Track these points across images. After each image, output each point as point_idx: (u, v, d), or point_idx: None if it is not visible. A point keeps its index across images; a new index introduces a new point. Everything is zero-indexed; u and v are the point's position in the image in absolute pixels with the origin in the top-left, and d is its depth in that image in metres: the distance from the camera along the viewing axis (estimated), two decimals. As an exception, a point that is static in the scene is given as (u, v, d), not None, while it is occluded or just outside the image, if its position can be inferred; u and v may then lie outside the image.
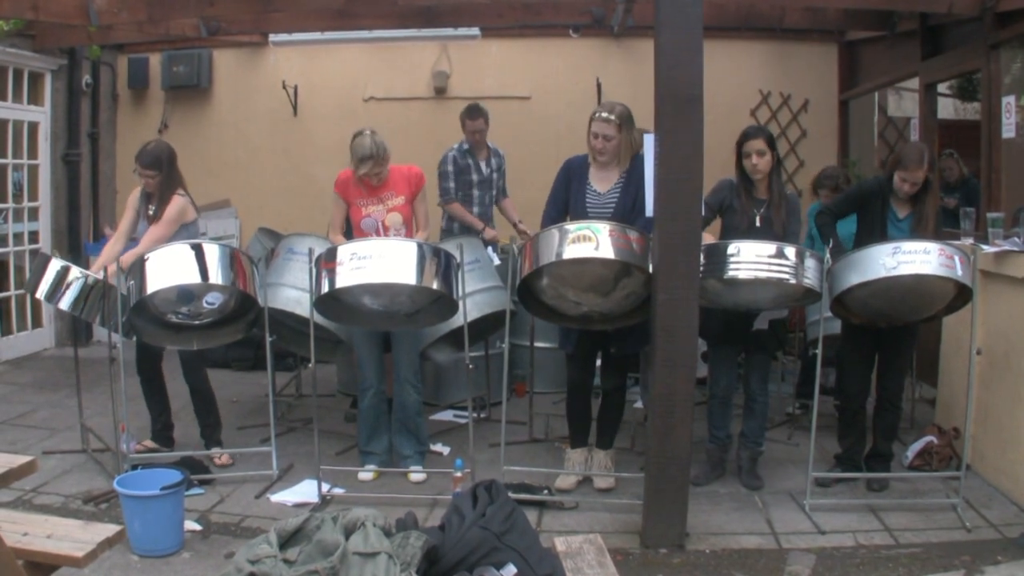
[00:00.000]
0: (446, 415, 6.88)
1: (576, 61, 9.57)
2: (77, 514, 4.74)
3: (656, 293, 4.46)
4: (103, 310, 5.41)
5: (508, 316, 5.24)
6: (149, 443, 5.79)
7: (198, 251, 5.17)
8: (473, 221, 7.31)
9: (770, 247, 4.85)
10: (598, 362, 5.54)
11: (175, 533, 4.48)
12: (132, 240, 5.69)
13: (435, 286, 5.02)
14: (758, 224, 5.25)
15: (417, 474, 5.50)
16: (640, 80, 7.82)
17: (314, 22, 8.65)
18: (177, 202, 5.61)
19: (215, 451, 5.71)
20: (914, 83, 8.48)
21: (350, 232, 5.61)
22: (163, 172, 5.58)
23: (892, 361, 5.42)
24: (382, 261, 4.93)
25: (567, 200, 5.31)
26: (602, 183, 5.27)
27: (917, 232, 5.20)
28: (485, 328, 6.09)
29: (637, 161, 5.26)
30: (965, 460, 5.14)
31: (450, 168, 7.34)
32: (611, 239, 4.61)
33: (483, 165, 7.40)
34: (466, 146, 7.38)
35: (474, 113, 7.29)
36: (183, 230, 5.64)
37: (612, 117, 5.15)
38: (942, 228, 5.39)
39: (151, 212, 5.64)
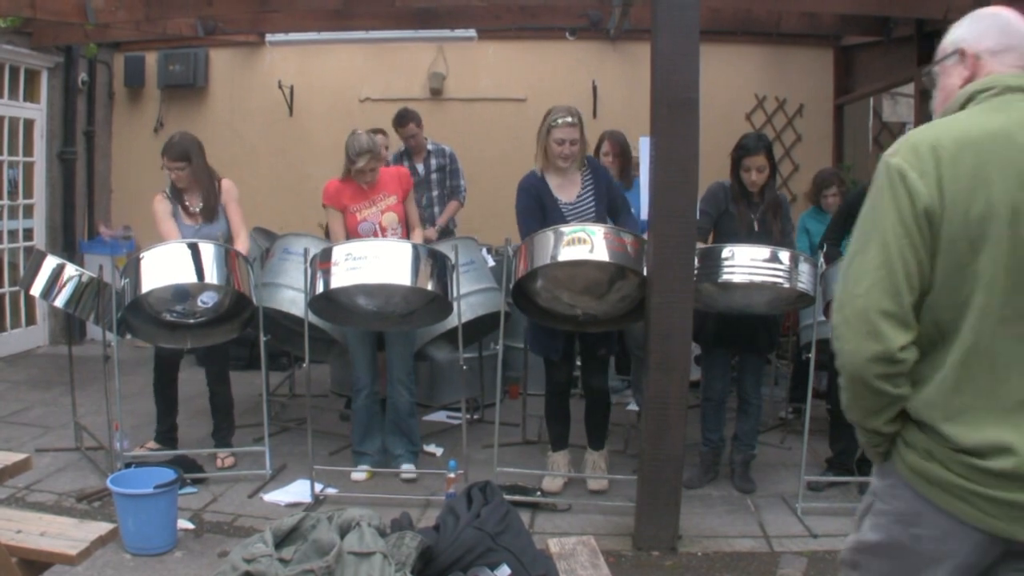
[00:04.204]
0: (439, 416, 6.89)
1: (572, 64, 9.58)
2: (70, 512, 4.74)
3: (650, 296, 4.48)
4: (97, 308, 5.40)
5: (503, 318, 5.25)
6: (153, 444, 5.78)
7: (194, 250, 5.17)
8: None
9: (764, 251, 4.87)
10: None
11: (168, 532, 4.49)
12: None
13: (430, 287, 5.03)
14: (757, 228, 5.26)
15: (408, 470, 5.51)
16: (636, 83, 7.86)
17: (311, 22, 8.65)
18: (230, 184, 5.70)
19: (221, 451, 5.71)
20: (909, 88, 8.52)
21: None
22: (192, 163, 5.54)
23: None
24: (377, 262, 4.95)
25: (544, 217, 5.18)
26: (565, 192, 5.23)
27: None
28: (479, 330, 6.09)
29: (595, 169, 5.27)
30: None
31: None
32: (606, 242, 4.63)
33: (419, 167, 7.39)
34: (402, 149, 7.46)
35: (403, 120, 7.31)
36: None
37: (576, 121, 5.13)
38: None
39: (193, 208, 5.60)
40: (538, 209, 5.20)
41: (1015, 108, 2.03)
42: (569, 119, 5.12)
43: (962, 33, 2.26)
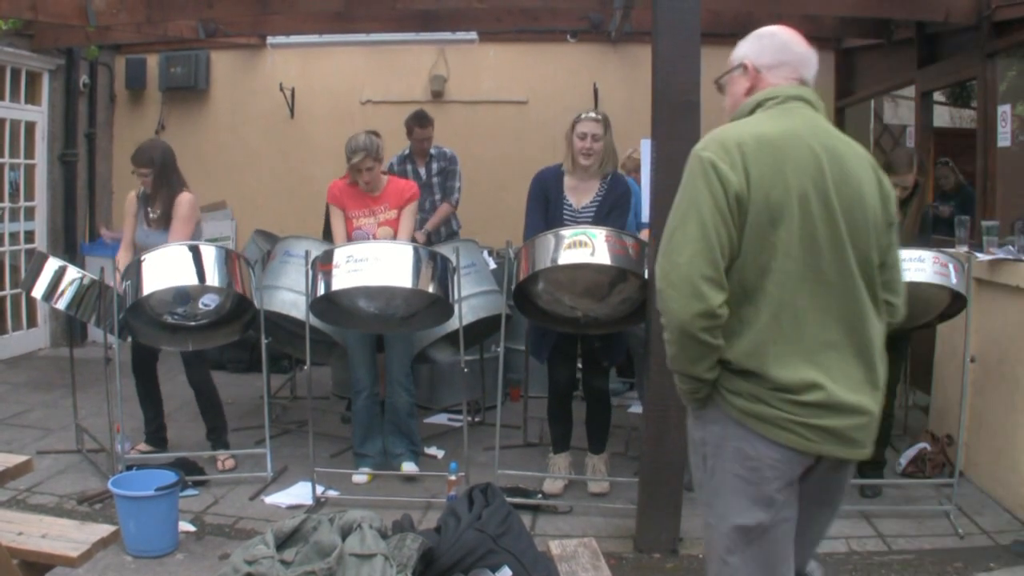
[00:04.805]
0: (440, 418, 6.89)
1: (573, 66, 9.59)
2: (71, 514, 4.74)
3: (651, 298, 4.47)
4: (99, 310, 5.40)
5: (503, 320, 5.25)
6: (144, 446, 5.78)
7: (195, 252, 5.17)
8: None
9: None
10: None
11: (169, 534, 4.49)
12: (138, 247, 5.67)
13: (431, 290, 5.04)
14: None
15: (409, 466, 5.52)
16: (637, 85, 7.85)
17: (312, 24, 8.65)
18: (187, 199, 5.58)
19: (220, 453, 5.70)
20: (910, 91, 8.52)
21: None
22: (156, 169, 5.53)
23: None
24: (379, 264, 4.95)
25: (547, 214, 5.21)
26: (578, 196, 5.22)
27: (901, 236, 5.22)
28: (480, 332, 6.09)
29: (616, 182, 5.26)
30: (958, 467, 5.16)
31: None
32: (607, 244, 4.62)
33: (422, 170, 7.37)
34: (407, 152, 7.40)
35: (424, 121, 7.28)
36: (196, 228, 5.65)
37: (599, 116, 5.17)
38: (929, 235, 5.41)
39: (152, 215, 5.60)
40: (541, 205, 5.23)
41: (797, 114, 2.56)
42: (593, 115, 5.21)
43: (745, 50, 2.76)
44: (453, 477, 5.07)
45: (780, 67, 2.66)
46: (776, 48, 2.71)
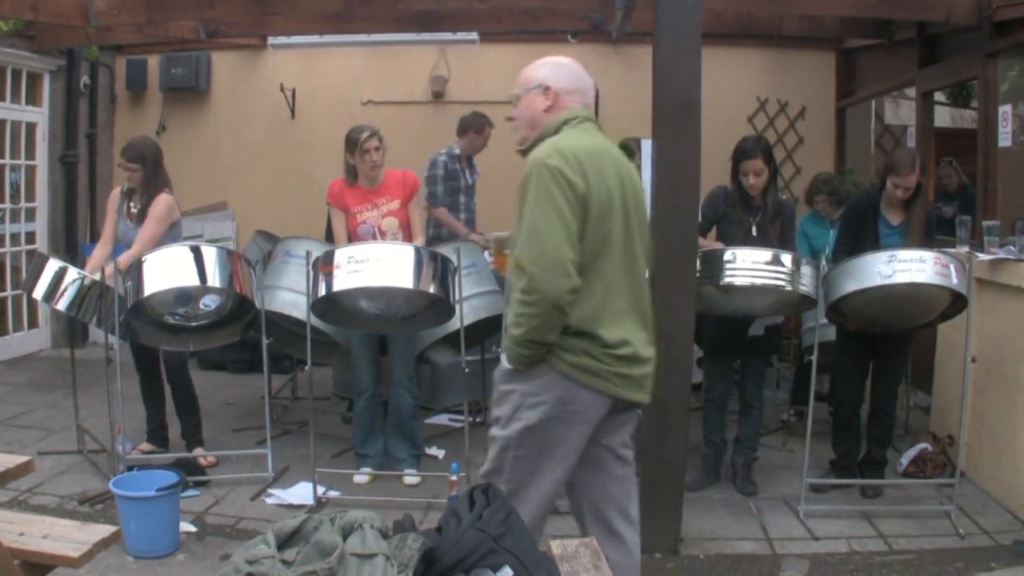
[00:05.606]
0: (442, 419, 6.89)
1: (574, 67, 9.55)
2: (72, 515, 4.75)
3: (652, 298, 4.47)
4: (100, 311, 5.40)
5: (504, 320, 5.24)
6: (146, 446, 5.78)
7: (196, 253, 5.17)
8: (459, 227, 7.23)
9: (766, 254, 4.87)
10: None
11: (170, 534, 4.49)
12: (118, 242, 5.69)
13: (432, 290, 5.03)
14: (755, 233, 5.24)
15: (411, 477, 5.51)
16: (638, 86, 7.82)
17: (312, 25, 8.65)
18: (165, 199, 5.60)
19: (198, 452, 5.70)
20: (911, 91, 8.51)
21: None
22: (146, 167, 5.57)
23: (885, 368, 5.43)
24: (380, 265, 4.94)
25: None
26: None
27: (908, 237, 5.22)
28: (481, 332, 6.08)
29: None
30: (959, 467, 5.16)
31: (440, 172, 7.21)
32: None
33: (468, 173, 7.36)
34: (456, 151, 7.32)
35: (490, 121, 7.27)
36: (168, 229, 5.64)
37: None
38: (933, 234, 5.41)
39: (133, 209, 5.63)
40: None
41: (593, 133, 3.18)
42: None
43: (546, 73, 3.28)
44: (454, 477, 5.07)
45: (575, 92, 3.23)
46: (572, 76, 3.26)
